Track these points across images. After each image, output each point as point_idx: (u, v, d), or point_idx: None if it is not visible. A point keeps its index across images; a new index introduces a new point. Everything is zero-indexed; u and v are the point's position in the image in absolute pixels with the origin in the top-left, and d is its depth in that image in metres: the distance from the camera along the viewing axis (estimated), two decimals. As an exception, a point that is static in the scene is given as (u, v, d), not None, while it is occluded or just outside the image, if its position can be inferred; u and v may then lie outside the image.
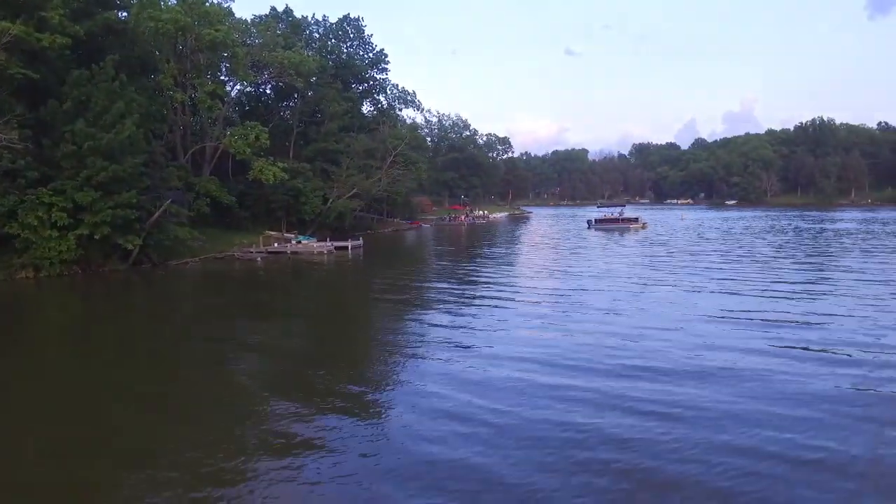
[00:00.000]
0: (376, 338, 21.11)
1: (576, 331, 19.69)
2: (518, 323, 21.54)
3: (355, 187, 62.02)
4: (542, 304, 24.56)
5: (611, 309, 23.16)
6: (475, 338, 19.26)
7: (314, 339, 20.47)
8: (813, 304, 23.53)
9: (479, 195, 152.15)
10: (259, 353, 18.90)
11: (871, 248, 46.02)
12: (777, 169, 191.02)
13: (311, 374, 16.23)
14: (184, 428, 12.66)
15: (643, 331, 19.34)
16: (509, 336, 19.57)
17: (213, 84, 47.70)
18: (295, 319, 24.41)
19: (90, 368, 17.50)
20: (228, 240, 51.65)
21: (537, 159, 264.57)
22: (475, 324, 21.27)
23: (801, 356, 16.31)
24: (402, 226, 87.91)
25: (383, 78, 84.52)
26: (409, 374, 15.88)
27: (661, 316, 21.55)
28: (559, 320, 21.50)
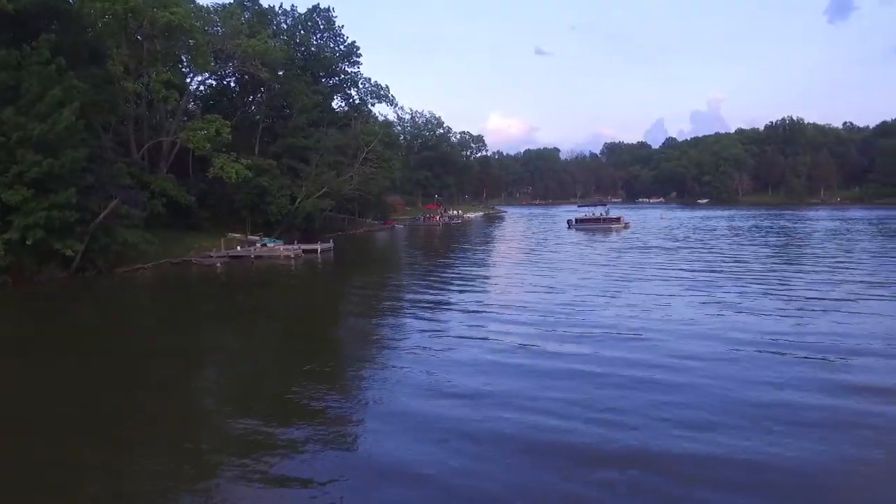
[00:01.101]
0: (345, 351, 17.92)
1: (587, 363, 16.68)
2: (497, 343, 18.42)
3: (325, 186, 58.27)
4: (524, 317, 21.44)
5: (620, 333, 20.16)
6: (452, 349, 16.90)
7: (277, 355, 17.21)
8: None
9: (454, 194, 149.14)
10: (215, 369, 16.40)
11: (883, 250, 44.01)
12: (748, 168, 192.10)
13: (271, 391, 13.97)
14: (135, 454, 11.02)
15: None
16: (484, 354, 16.78)
17: (169, 73, 43.55)
18: (256, 332, 20.97)
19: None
20: (187, 243, 47.58)
21: (510, 158, 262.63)
22: (450, 337, 18.47)
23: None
24: (374, 226, 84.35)
25: (355, 71, 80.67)
26: (380, 387, 14.06)
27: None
28: (545, 338, 18.54)
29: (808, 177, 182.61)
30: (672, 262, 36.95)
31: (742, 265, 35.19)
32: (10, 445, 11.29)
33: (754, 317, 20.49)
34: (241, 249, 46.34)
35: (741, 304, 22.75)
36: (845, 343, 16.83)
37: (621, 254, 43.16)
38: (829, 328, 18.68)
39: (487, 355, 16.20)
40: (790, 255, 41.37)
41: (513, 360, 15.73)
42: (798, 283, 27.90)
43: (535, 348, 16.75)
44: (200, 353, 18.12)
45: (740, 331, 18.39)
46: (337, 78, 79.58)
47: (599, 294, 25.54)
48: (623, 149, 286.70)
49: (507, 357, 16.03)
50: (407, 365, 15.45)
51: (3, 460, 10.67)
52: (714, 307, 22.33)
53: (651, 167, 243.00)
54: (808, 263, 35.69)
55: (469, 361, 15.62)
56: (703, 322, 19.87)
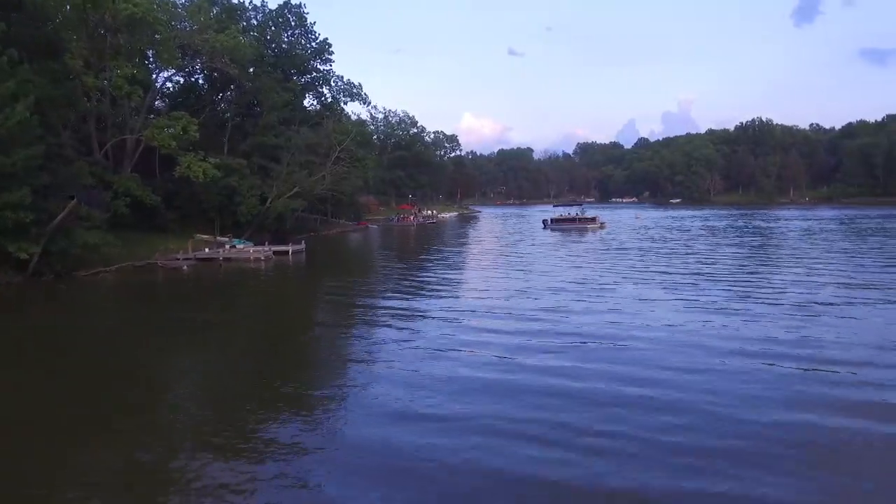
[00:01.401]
0: (314, 368, 16.74)
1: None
2: (478, 354, 17.49)
3: (297, 186, 56.83)
4: (502, 325, 20.30)
5: (599, 335, 19.37)
6: (427, 364, 15.71)
7: (240, 375, 15.88)
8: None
9: (428, 194, 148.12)
10: (170, 393, 14.71)
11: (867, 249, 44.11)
12: (719, 168, 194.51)
13: (231, 419, 12.43)
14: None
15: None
16: (462, 364, 15.81)
17: (132, 68, 41.79)
18: (219, 346, 19.63)
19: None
20: (153, 245, 45.86)
21: (483, 158, 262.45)
22: (426, 349, 17.21)
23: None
24: (347, 227, 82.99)
25: (327, 69, 79.19)
26: (351, 412, 12.77)
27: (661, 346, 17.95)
28: (524, 346, 17.66)
29: (777, 177, 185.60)
30: (652, 264, 36.36)
31: (723, 267, 34.63)
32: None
33: (743, 321, 19.71)
34: (209, 251, 44.79)
35: (727, 308, 21.97)
36: (843, 352, 15.94)
37: (599, 255, 42.58)
38: (821, 334, 17.88)
39: (464, 370, 15.05)
40: (770, 255, 41.02)
41: (491, 375, 14.56)
42: (781, 285, 27.34)
43: (515, 362, 15.62)
44: (154, 373, 16.53)
45: (731, 338, 17.54)
46: (309, 76, 78.02)
47: (579, 298, 24.70)
48: (596, 149, 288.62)
49: (486, 372, 14.88)
50: (380, 384, 14.14)
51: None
52: (699, 312, 21.52)
53: (624, 167, 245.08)
54: (788, 264, 35.29)
55: (445, 378, 14.41)
56: (690, 329, 18.98)
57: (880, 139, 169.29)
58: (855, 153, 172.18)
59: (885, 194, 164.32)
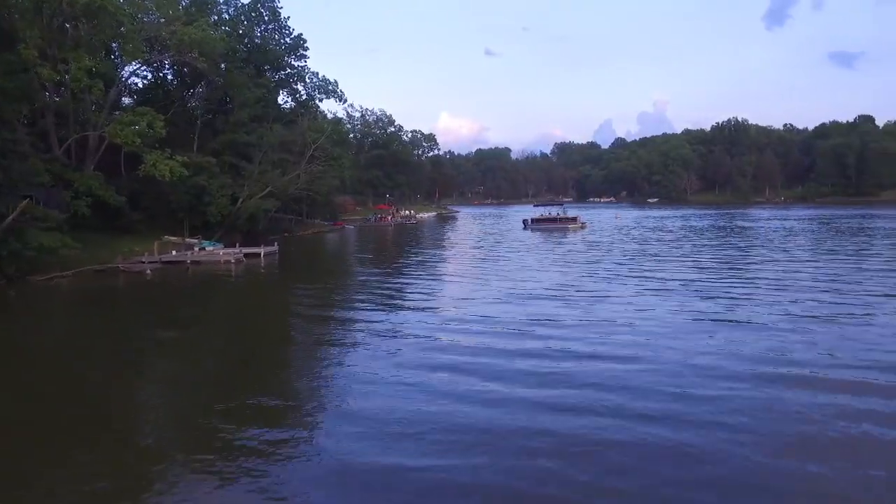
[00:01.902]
0: (282, 391, 14.94)
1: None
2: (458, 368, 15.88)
3: (269, 185, 54.80)
4: (486, 341, 18.25)
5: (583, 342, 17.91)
6: (402, 389, 13.86)
7: (197, 402, 14.06)
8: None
9: (405, 194, 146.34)
10: (126, 406, 13.16)
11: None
12: (696, 168, 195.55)
13: (185, 455, 10.68)
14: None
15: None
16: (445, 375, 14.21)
17: (92, 60, 39.42)
18: (177, 366, 17.74)
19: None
20: (116, 247, 43.55)
21: (461, 158, 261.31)
22: (402, 370, 15.39)
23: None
24: (323, 227, 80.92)
25: (302, 66, 76.95)
26: (321, 449, 10.73)
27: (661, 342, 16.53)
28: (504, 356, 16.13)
29: (753, 176, 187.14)
30: (640, 267, 34.87)
31: (716, 270, 33.21)
32: None
33: (754, 333, 18.01)
34: (176, 254, 42.60)
35: (732, 317, 20.34)
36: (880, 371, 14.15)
37: (584, 258, 41.08)
38: (851, 350, 15.88)
39: (441, 405, 12.64)
40: (762, 256, 39.42)
41: (477, 413, 12.11)
42: (782, 289, 25.91)
43: (504, 394, 13.14)
44: (100, 399, 14.52)
45: (748, 358, 15.35)
46: (283, 72, 75.78)
47: (568, 307, 22.92)
48: (573, 149, 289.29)
49: (469, 406, 12.50)
50: (346, 425, 11.86)
51: None
52: (703, 323, 19.72)
53: (601, 167, 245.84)
54: (783, 267, 33.66)
55: (418, 419, 11.92)
56: (696, 343, 17.00)
57: (852, 139, 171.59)
58: (828, 153, 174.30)
59: (857, 194, 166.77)
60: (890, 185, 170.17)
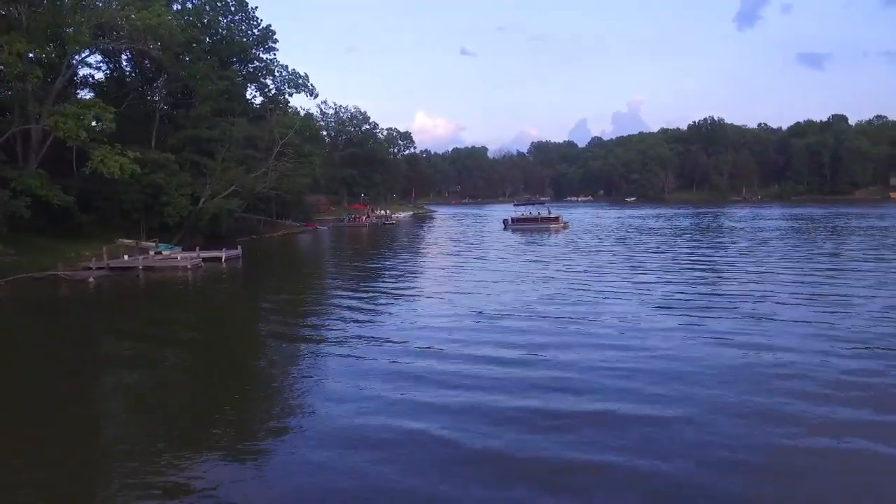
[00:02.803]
0: (228, 436, 11.76)
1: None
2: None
3: (234, 183, 51.18)
4: (468, 369, 15.17)
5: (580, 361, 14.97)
6: (371, 428, 11.15)
7: (119, 455, 10.85)
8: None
9: (381, 193, 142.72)
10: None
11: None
12: (673, 167, 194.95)
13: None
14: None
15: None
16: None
17: (28, 44, 35.56)
18: (101, 400, 14.44)
19: None
20: (63, 252, 39.75)
21: (437, 157, 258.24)
22: (370, 403, 12.60)
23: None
24: (294, 228, 77.16)
25: (270, 58, 73.19)
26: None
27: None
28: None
29: (729, 175, 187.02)
30: (633, 272, 31.71)
31: (723, 277, 29.61)
32: None
33: (782, 354, 15.18)
34: (128, 259, 38.88)
35: (752, 336, 17.22)
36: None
37: (571, 262, 37.99)
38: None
39: (410, 462, 9.95)
40: (765, 261, 35.54)
41: (444, 476, 9.44)
42: (801, 299, 22.95)
43: (480, 446, 10.40)
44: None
45: (779, 392, 12.45)
46: (251, 65, 71.95)
47: (559, 323, 19.80)
48: (550, 148, 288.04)
49: (440, 454, 10.08)
50: (310, 465, 9.63)
51: None
52: (719, 346, 16.45)
53: (578, 166, 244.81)
54: (795, 271, 30.64)
55: (380, 486, 9.25)
56: (712, 377, 13.68)
57: (826, 138, 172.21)
58: (803, 152, 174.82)
59: (833, 192, 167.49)
60: (863, 183, 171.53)
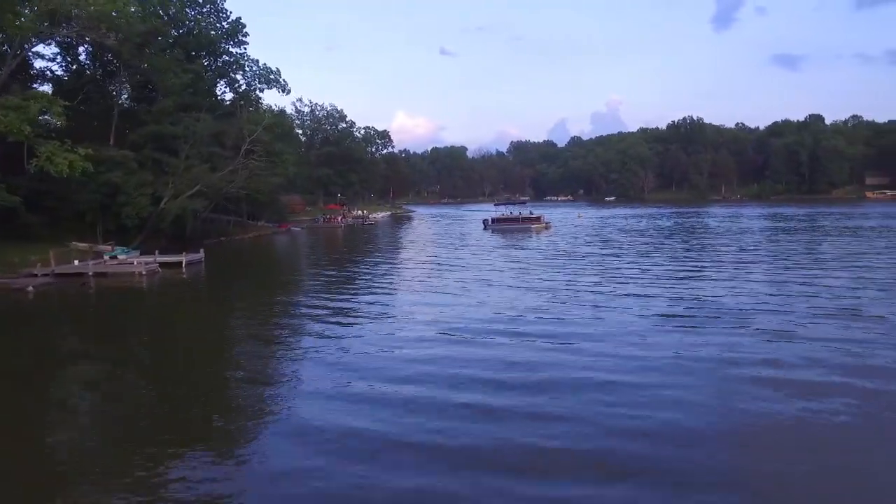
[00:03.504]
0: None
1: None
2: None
3: (199, 182, 48.18)
4: (442, 397, 13.21)
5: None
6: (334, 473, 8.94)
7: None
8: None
9: (358, 193, 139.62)
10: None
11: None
12: (653, 166, 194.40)
13: None
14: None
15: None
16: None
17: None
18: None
19: None
20: (7, 256, 36.66)
21: (416, 156, 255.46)
22: (333, 445, 10.35)
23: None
24: (266, 230, 74.05)
25: (241, 52, 69.99)
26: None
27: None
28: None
29: (709, 174, 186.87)
30: (625, 280, 29.19)
31: (721, 280, 27.70)
32: None
33: (804, 376, 13.26)
34: (77, 264, 35.79)
35: (764, 352, 15.23)
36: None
37: (556, 267, 35.47)
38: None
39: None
40: (762, 266, 33.45)
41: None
42: (815, 310, 20.78)
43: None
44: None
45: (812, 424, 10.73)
46: (220, 59, 68.72)
47: (548, 342, 17.42)
48: (530, 147, 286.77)
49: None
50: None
51: None
52: (734, 367, 14.30)
53: (558, 165, 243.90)
54: (798, 276, 28.58)
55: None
56: (730, 408, 11.94)
57: (804, 137, 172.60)
58: (781, 151, 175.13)
59: (811, 192, 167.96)
60: (840, 182, 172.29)
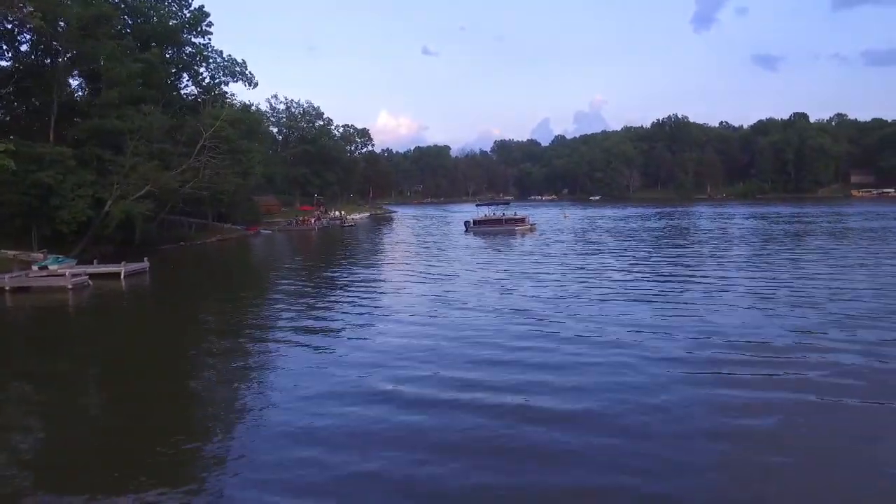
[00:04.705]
0: None
1: None
2: None
3: (148, 182, 43.55)
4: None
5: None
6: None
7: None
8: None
9: (337, 193, 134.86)
10: None
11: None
12: (638, 165, 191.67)
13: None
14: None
15: None
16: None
17: None
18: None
19: None
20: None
21: (399, 156, 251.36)
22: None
23: None
24: (232, 233, 69.22)
25: (204, 43, 65.36)
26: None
27: None
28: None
29: (694, 173, 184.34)
30: (624, 291, 25.26)
31: (737, 292, 24.08)
32: None
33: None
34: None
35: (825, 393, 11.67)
36: None
37: (545, 275, 31.18)
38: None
39: None
40: (770, 273, 29.68)
41: None
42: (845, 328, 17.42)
43: None
44: None
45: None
46: (183, 51, 63.92)
47: (541, 373, 13.81)
48: (514, 146, 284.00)
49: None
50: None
51: None
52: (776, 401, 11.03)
53: (542, 164, 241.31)
54: (812, 286, 25.14)
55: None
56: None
57: (790, 136, 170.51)
58: (767, 150, 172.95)
59: (796, 190, 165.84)
60: (826, 181, 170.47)
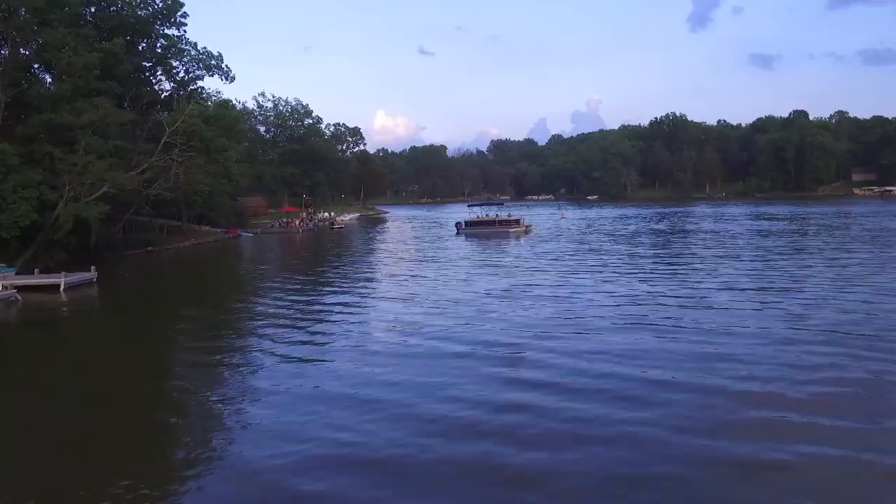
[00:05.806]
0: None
1: None
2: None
3: (106, 182, 39.63)
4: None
5: None
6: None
7: None
8: None
9: (327, 194, 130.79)
10: None
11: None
12: (636, 164, 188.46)
13: None
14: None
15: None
16: None
17: None
18: None
19: None
20: None
21: (394, 156, 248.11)
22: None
23: None
24: (208, 236, 65.24)
25: (178, 35, 61.25)
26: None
27: None
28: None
29: (693, 172, 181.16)
30: (637, 307, 21.43)
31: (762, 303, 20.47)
32: None
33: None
34: None
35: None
36: None
37: (542, 288, 27.04)
38: None
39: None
40: (795, 287, 24.81)
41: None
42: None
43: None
44: None
45: None
46: (152, 42, 59.90)
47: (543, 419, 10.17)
48: (510, 146, 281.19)
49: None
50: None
51: None
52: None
53: (539, 164, 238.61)
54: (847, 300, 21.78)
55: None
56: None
57: (790, 134, 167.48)
58: (767, 148, 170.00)
59: (797, 189, 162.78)
60: (827, 179, 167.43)
